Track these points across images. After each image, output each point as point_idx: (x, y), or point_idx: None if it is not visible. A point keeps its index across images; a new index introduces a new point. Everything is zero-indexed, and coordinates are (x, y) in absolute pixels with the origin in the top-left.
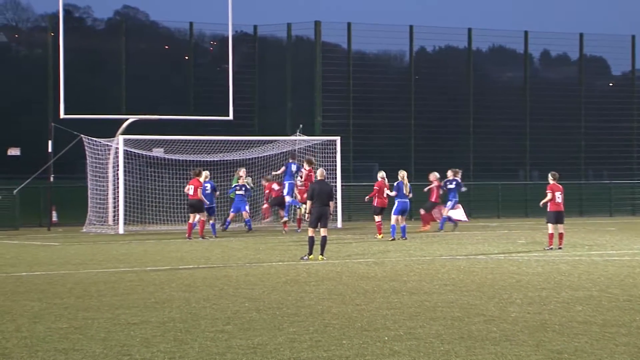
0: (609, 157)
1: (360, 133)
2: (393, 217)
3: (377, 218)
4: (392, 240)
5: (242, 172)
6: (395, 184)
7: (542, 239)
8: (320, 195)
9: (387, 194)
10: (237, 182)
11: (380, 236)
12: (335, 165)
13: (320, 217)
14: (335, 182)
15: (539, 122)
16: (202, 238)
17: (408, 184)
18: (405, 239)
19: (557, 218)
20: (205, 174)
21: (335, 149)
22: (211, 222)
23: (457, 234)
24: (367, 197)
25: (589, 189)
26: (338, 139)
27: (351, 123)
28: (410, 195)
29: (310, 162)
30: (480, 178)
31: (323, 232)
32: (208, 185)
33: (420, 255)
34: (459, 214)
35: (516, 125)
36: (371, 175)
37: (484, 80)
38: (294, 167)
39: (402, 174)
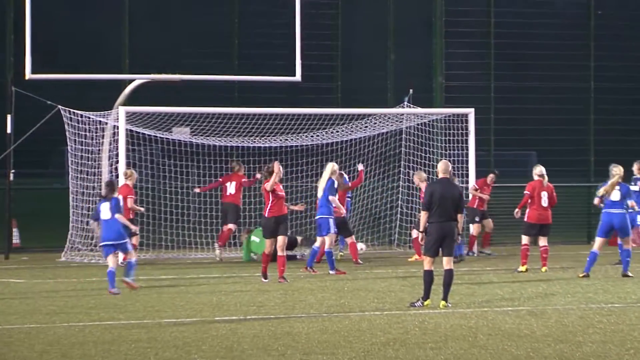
0: None
1: (506, 103)
2: (597, 241)
3: (525, 239)
4: (583, 276)
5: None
6: (600, 187)
7: None
8: (442, 203)
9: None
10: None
11: (523, 268)
12: (467, 155)
13: (443, 240)
14: (467, 182)
15: None
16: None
17: (621, 186)
18: (628, 275)
19: None
20: (334, 167)
21: (466, 128)
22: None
23: None
24: (517, 209)
25: None
26: (472, 112)
27: (492, 87)
28: (633, 205)
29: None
30: None
31: (447, 263)
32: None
33: (603, 301)
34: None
35: None
36: (526, 170)
37: None
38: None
39: (617, 170)
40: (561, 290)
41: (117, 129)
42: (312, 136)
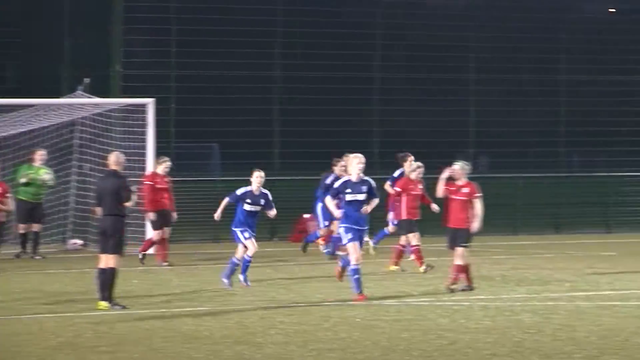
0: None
1: (188, 92)
2: None
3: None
4: None
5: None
6: None
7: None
8: (103, 197)
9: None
10: None
11: (422, 268)
12: (145, 147)
13: (104, 235)
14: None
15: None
16: None
17: None
18: None
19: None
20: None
21: (144, 119)
22: None
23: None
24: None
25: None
26: (151, 102)
27: (174, 76)
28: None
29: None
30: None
31: (108, 261)
32: None
33: (286, 301)
34: None
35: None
36: (208, 163)
37: None
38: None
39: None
40: (242, 290)
41: None
42: None
